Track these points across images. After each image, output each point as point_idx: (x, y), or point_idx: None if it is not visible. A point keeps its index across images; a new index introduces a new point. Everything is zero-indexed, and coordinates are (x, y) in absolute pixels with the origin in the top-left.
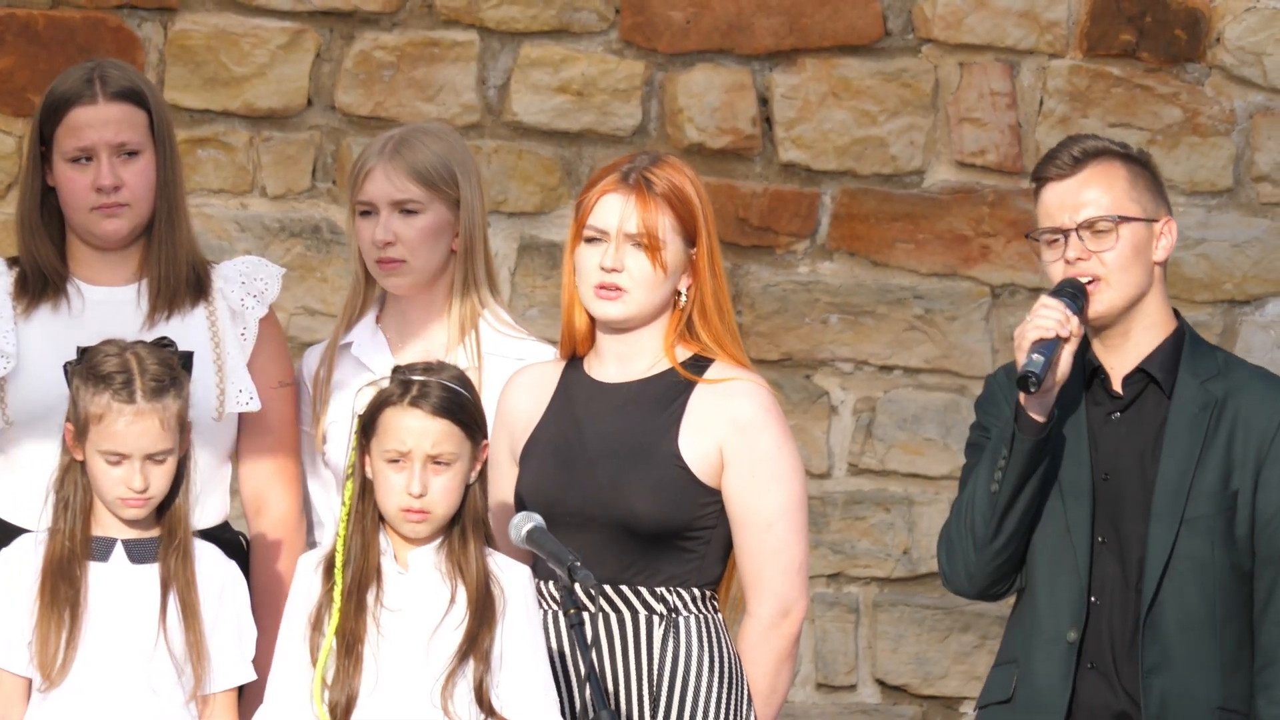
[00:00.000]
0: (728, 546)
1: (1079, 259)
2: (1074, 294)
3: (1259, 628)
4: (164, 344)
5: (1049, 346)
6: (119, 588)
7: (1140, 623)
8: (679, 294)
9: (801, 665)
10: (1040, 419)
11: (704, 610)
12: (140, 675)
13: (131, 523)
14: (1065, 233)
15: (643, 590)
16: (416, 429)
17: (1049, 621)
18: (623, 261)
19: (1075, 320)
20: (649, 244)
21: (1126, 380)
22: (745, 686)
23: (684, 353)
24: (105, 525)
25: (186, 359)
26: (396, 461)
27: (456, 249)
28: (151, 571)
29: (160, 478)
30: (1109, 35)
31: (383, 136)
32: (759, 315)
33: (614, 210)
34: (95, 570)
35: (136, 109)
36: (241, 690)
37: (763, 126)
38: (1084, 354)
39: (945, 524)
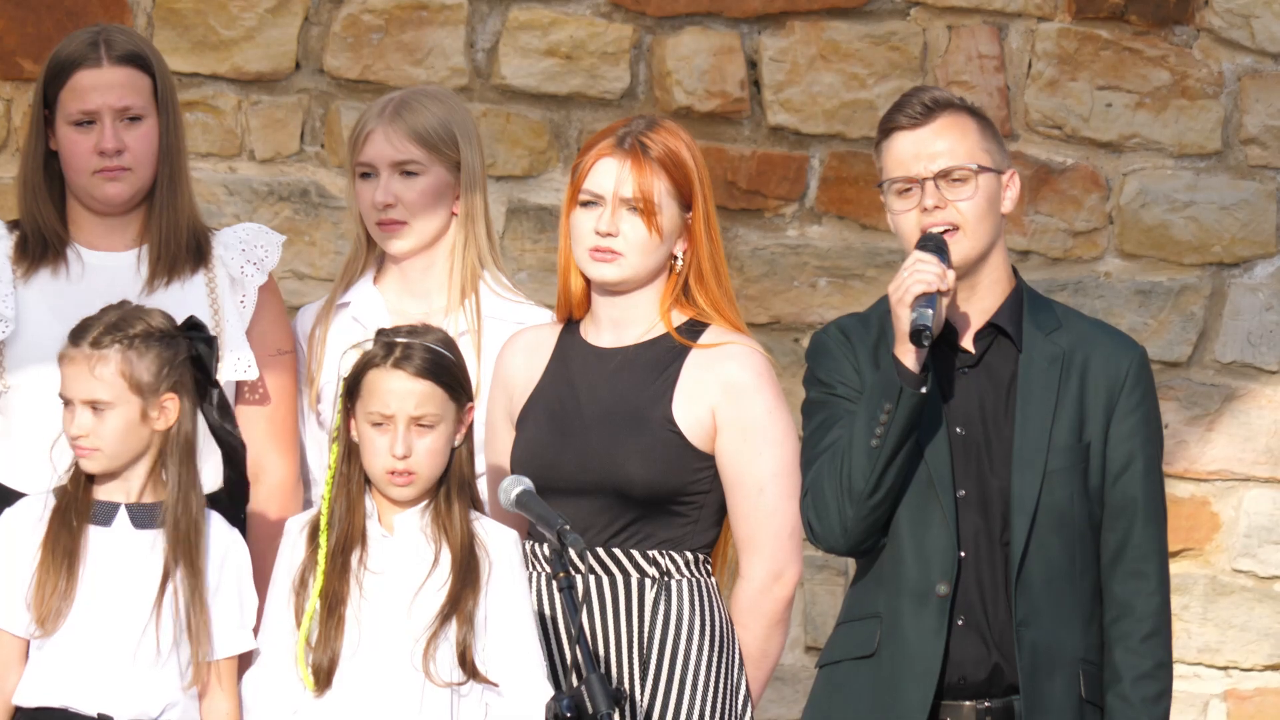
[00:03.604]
0: (721, 511)
1: (936, 207)
2: (939, 248)
3: (1110, 579)
4: (192, 324)
5: (931, 300)
6: (121, 552)
7: (1013, 576)
8: (674, 258)
9: (790, 628)
10: (918, 372)
11: (697, 574)
12: (139, 640)
13: (105, 480)
14: (920, 182)
15: (635, 554)
16: (400, 391)
17: (916, 576)
18: (618, 226)
19: (951, 274)
20: (644, 208)
21: (977, 335)
22: (737, 651)
23: (680, 317)
24: (109, 489)
25: (209, 342)
26: (380, 424)
27: (457, 212)
28: (155, 537)
29: (105, 431)
30: None
31: (383, 99)
32: (747, 278)
33: (610, 174)
34: (98, 535)
35: (141, 73)
36: (242, 657)
37: (751, 90)
38: None
39: (813, 483)
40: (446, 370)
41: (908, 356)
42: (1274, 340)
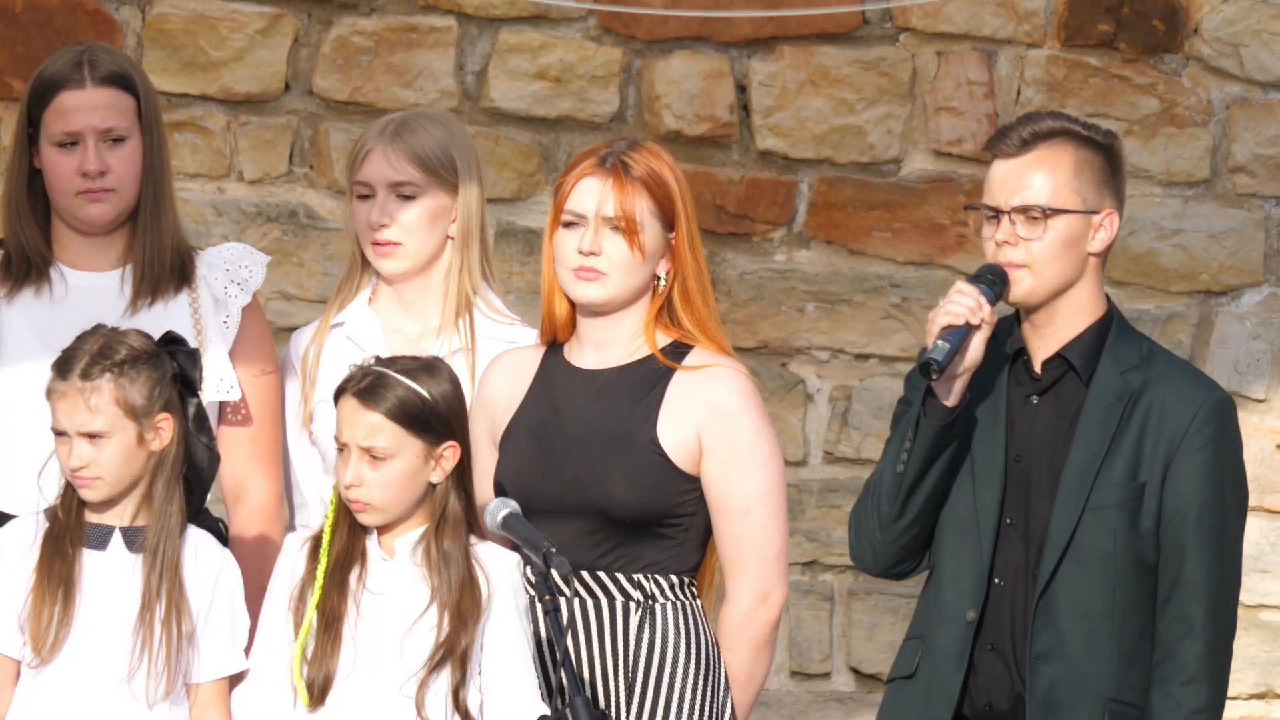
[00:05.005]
0: (707, 533)
1: (1006, 242)
2: (993, 280)
3: (1159, 621)
4: (170, 339)
5: (958, 333)
6: (116, 576)
7: (1033, 607)
8: (658, 278)
9: (776, 652)
10: (949, 404)
11: (682, 597)
12: (136, 663)
13: (99, 507)
14: (1000, 213)
15: (620, 577)
16: (350, 419)
17: (952, 600)
18: (600, 245)
19: (988, 308)
20: (626, 227)
21: (1046, 364)
22: (723, 674)
23: (664, 338)
24: (103, 513)
25: (190, 355)
26: (341, 450)
27: (453, 236)
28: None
29: (105, 459)
30: (1087, 25)
31: (385, 119)
32: (735, 303)
33: (591, 194)
34: (94, 558)
35: (124, 94)
36: (234, 677)
37: (740, 114)
38: (1010, 334)
39: (858, 501)
40: (408, 406)
41: (940, 386)
42: (1260, 369)
